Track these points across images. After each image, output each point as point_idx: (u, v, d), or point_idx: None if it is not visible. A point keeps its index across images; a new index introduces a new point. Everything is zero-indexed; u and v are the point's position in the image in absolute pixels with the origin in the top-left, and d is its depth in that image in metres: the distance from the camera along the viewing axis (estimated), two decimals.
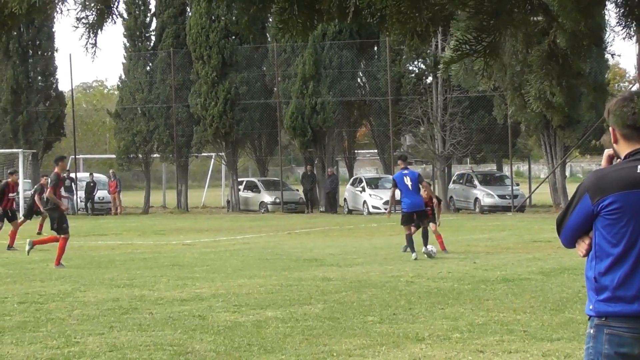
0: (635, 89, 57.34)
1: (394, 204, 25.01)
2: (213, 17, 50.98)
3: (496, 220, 39.37)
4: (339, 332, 11.67)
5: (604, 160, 4.90)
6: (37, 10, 5.45)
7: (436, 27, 5.94)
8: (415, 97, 50.03)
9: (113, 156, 60.80)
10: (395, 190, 22.96)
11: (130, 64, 54.74)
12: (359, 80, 54.36)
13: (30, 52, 55.85)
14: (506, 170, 55.98)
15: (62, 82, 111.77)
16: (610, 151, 4.90)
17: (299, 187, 54.53)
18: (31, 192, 34.68)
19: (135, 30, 54.50)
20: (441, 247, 23.12)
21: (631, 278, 4.61)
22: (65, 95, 59.81)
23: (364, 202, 48.75)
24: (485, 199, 47.63)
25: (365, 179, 51.32)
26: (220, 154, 54.82)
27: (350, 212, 49.36)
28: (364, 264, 20.57)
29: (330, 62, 50.26)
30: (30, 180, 54.39)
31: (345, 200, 50.67)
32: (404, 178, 22.20)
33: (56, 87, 57.17)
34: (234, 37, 51.61)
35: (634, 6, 5.78)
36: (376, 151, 58.32)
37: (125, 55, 55.18)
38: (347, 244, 26.93)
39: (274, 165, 60.63)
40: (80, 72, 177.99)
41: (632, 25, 5.78)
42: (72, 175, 53.53)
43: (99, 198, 53.26)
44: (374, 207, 47.99)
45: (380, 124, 53.19)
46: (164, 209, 56.44)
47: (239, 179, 54.26)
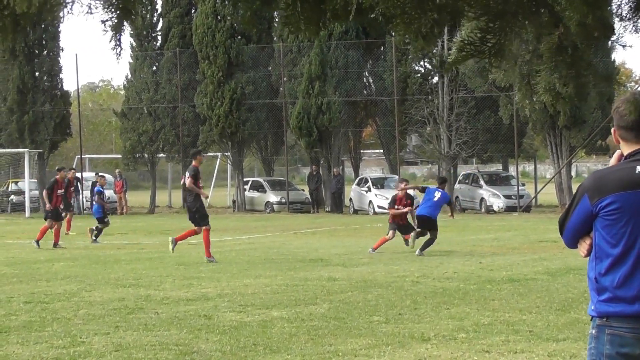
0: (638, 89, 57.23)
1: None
2: (219, 17, 51.00)
3: (502, 221, 39.34)
4: (344, 332, 11.67)
5: (614, 159, 4.90)
6: (47, 10, 5.47)
7: (441, 29, 5.93)
8: (421, 97, 50.02)
9: (119, 156, 60.80)
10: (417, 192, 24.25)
11: (136, 63, 54.78)
12: (365, 80, 54.35)
13: (36, 51, 55.80)
14: (512, 171, 55.92)
15: (67, 82, 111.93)
16: (621, 151, 4.91)
17: (304, 187, 54.54)
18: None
19: (142, 30, 54.53)
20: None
21: (631, 278, 4.62)
22: (71, 95, 59.87)
23: (370, 202, 48.73)
24: (492, 199, 47.54)
25: (371, 179, 51.30)
26: (226, 153, 54.82)
27: (356, 212, 49.35)
28: (370, 264, 20.56)
29: (336, 62, 50.26)
30: (36, 180, 54.48)
31: (350, 200, 50.65)
32: (436, 192, 23.91)
33: (62, 86, 57.15)
34: (240, 37, 51.62)
35: None
36: (382, 151, 58.29)
37: (131, 55, 55.24)
38: (353, 244, 26.92)
39: (280, 165, 60.62)
40: (86, 71, 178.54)
41: (639, 18, 5.78)
42: (78, 174, 53.54)
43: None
44: (379, 207, 47.93)
45: (386, 123, 53.18)
46: (169, 209, 56.46)
47: (244, 179, 54.28)
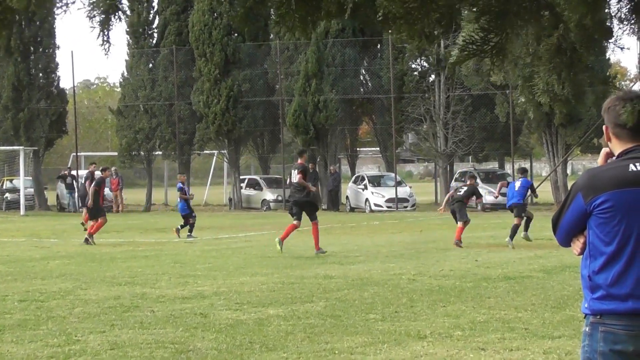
0: (636, 87, 57.29)
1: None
2: (216, 15, 50.98)
3: (498, 218, 39.35)
4: (340, 329, 11.66)
5: (600, 157, 4.92)
6: (36, 4, 5.46)
7: (443, 28, 5.93)
8: (418, 95, 50.05)
9: (115, 154, 60.81)
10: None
11: (132, 61, 54.77)
12: (361, 78, 54.35)
13: (32, 49, 55.67)
14: (508, 168, 55.95)
15: (63, 79, 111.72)
16: (608, 149, 4.92)
17: None
18: (81, 182, 38.33)
19: (138, 27, 54.52)
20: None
21: (624, 276, 4.62)
22: (67, 92, 59.78)
23: (366, 199, 48.77)
24: (487, 197, 47.57)
25: (367, 176, 51.36)
26: (223, 151, 54.83)
27: (352, 209, 49.38)
28: (366, 262, 20.56)
29: (333, 59, 50.25)
30: (30, 178, 54.43)
31: (347, 198, 50.70)
32: (516, 182, 25.65)
33: (58, 84, 57.05)
34: (236, 35, 51.62)
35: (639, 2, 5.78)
36: (378, 149, 58.33)
37: (128, 52, 55.20)
38: (349, 241, 26.92)
39: (276, 162, 60.66)
40: (82, 69, 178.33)
41: (635, 21, 5.78)
42: (74, 172, 53.53)
43: None
44: (376, 204, 48.02)
45: (382, 121, 53.21)
46: (165, 207, 56.46)
47: (241, 177, 54.27)
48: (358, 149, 60.91)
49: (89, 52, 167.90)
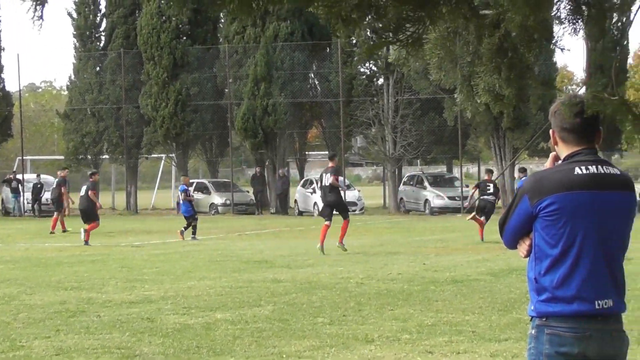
0: (583, 91, 57.78)
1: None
2: (164, 18, 50.80)
3: (446, 222, 39.53)
4: (288, 333, 11.63)
5: (549, 161, 4.94)
6: None
7: (362, 13, 5.91)
8: (367, 98, 50.19)
9: (61, 157, 60.29)
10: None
11: (80, 64, 54.41)
12: (310, 81, 54.37)
13: None
14: (456, 172, 56.26)
15: (9, 82, 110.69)
16: (556, 153, 4.95)
17: (249, 189, 54.47)
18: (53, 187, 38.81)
19: (85, 31, 54.17)
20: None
21: (570, 278, 4.65)
22: (13, 95, 59.17)
23: (315, 203, 48.74)
24: (436, 201, 47.83)
25: (315, 180, 51.32)
26: (171, 155, 54.61)
27: (300, 213, 49.36)
28: (314, 266, 20.54)
29: (282, 63, 50.22)
30: None
31: (295, 201, 50.68)
32: (516, 182, 26.65)
33: (3, 87, 56.34)
34: (185, 38, 51.48)
35: (580, 4, 5.80)
36: (327, 153, 58.31)
37: (75, 55, 54.83)
38: (298, 245, 26.89)
39: (225, 166, 60.51)
40: (28, 72, 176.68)
41: (579, 21, 5.80)
42: (19, 176, 53.02)
43: (46, 200, 52.66)
44: None
45: (331, 125, 53.27)
46: (113, 211, 56.03)
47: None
48: (307, 152, 60.95)
49: (35, 56, 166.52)
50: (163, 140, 52.16)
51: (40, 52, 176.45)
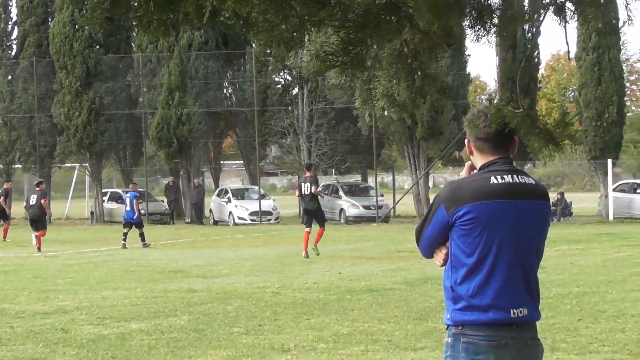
0: (496, 102, 58.48)
1: None
2: (77, 26, 50.27)
3: (361, 231, 39.70)
4: (204, 343, 11.60)
5: (464, 171, 4.98)
6: None
7: (303, 37, 5.93)
8: (282, 108, 50.27)
9: None
10: None
11: None
12: (225, 91, 54.25)
13: None
14: (371, 181, 56.54)
15: None
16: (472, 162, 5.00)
17: (164, 198, 54.16)
18: None
19: None
20: None
21: (485, 287, 4.69)
22: None
23: (230, 213, 48.68)
24: (351, 210, 48.03)
25: (231, 189, 51.26)
26: (84, 164, 54.05)
27: (216, 223, 49.20)
28: (230, 275, 20.51)
29: (196, 72, 50.03)
30: None
31: (211, 211, 50.50)
32: None
33: None
34: (98, 47, 51.02)
35: (483, 10, 5.88)
36: (242, 162, 58.31)
37: None
38: (213, 255, 26.81)
39: (139, 176, 59.96)
40: None
41: (483, 28, 5.87)
42: None
43: None
44: (239, 217, 48.00)
45: (246, 134, 53.22)
46: (25, 221, 55.19)
47: (103, 190, 53.59)
48: (222, 162, 60.81)
49: None
50: (76, 149, 51.60)
51: None
